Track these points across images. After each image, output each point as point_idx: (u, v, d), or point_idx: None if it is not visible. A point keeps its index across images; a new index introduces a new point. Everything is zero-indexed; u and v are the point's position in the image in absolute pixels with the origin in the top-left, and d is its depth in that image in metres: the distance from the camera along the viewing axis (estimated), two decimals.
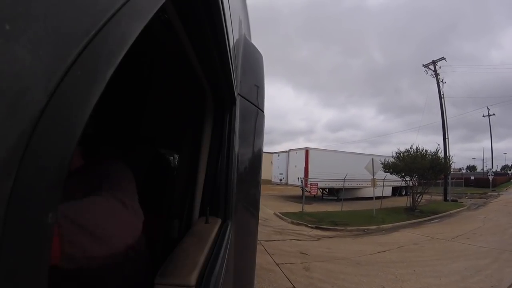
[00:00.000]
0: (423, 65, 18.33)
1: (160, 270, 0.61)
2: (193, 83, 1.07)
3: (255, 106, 1.46)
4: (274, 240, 6.78)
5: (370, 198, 13.86)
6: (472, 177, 31.54)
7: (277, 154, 18.33)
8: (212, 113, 1.15)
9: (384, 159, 12.80)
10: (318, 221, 8.98)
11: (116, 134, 1.13)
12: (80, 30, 0.21)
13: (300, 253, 5.81)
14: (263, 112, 1.54)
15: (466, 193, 19.91)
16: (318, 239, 7.18)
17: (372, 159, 11.05)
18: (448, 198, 16.29)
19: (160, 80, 1.57)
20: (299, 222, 9.01)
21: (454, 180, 17.79)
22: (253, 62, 1.53)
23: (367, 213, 10.53)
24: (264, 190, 19.61)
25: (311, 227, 8.43)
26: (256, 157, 1.48)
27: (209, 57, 0.80)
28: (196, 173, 1.13)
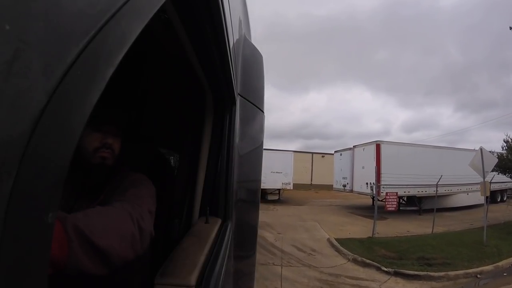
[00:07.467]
0: (510, 28, 15.31)
1: (160, 270, 0.61)
2: (193, 83, 1.07)
3: (255, 106, 1.46)
4: None
5: (462, 208, 10.92)
6: None
7: (339, 153, 13.64)
8: (212, 113, 1.15)
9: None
10: (398, 258, 5.53)
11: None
12: (80, 30, 0.21)
13: None
14: (263, 112, 1.54)
15: None
16: None
17: (481, 149, 6.87)
18: None
19: (160, 80, 1.56)
20: (367, 260, 5.35)
21: None
22: (253, 62, 1.53)
23: (471, 237, 6.83)
24: (324, 198, 16.33)
25: (387, 272, 4.90)
26: (256, 157, 1.48)
27: (209, 57, 0.80)
28: (196, 173, 1.13)
